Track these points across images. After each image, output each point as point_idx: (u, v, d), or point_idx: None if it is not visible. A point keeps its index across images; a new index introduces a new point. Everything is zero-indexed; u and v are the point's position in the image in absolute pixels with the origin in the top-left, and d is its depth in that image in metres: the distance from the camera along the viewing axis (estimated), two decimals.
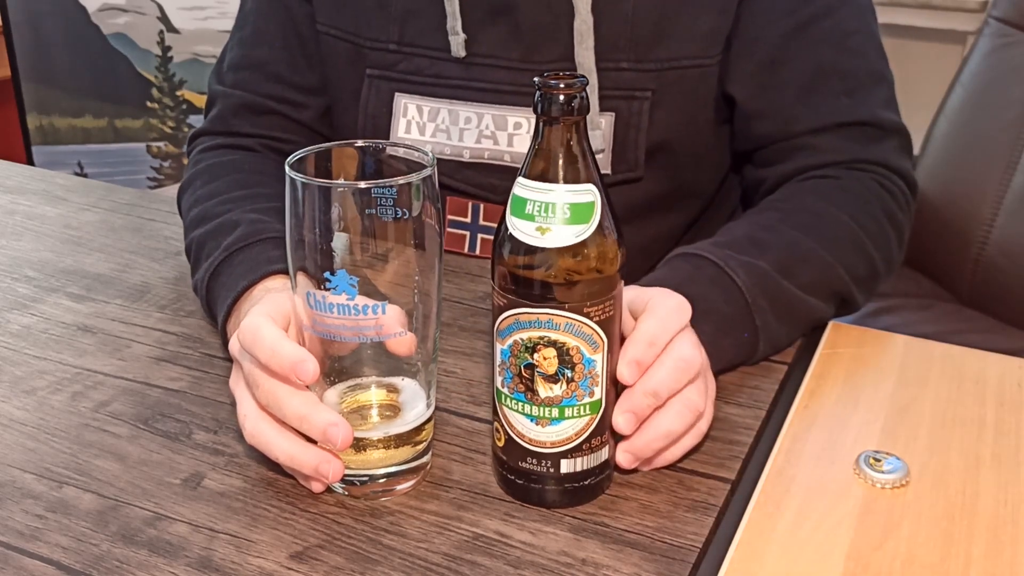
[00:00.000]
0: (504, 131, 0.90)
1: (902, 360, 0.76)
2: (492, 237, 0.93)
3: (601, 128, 0.88)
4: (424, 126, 0.92)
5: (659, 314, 0.62)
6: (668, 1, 0.86)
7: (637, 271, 0.97)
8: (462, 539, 0.58)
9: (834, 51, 0.88)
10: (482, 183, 0.92)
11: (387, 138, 0.94)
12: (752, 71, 0.88)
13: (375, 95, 0.93)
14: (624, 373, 0.59)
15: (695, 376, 0.62)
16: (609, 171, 0.90)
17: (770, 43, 0.87)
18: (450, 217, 0.94)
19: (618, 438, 0.61)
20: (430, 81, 0.91)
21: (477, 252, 0.95)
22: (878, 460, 0.64)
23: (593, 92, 0.87)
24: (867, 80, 0.89)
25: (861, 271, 0.81)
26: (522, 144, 0.89)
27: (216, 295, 0.76)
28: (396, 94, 0.93)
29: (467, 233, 0.94)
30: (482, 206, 0.93)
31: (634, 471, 0.63)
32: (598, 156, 0.89)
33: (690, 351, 0.62)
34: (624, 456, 0.61)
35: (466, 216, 0.93)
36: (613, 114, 0.88)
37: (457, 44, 0.89)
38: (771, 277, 0.74)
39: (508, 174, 0.90)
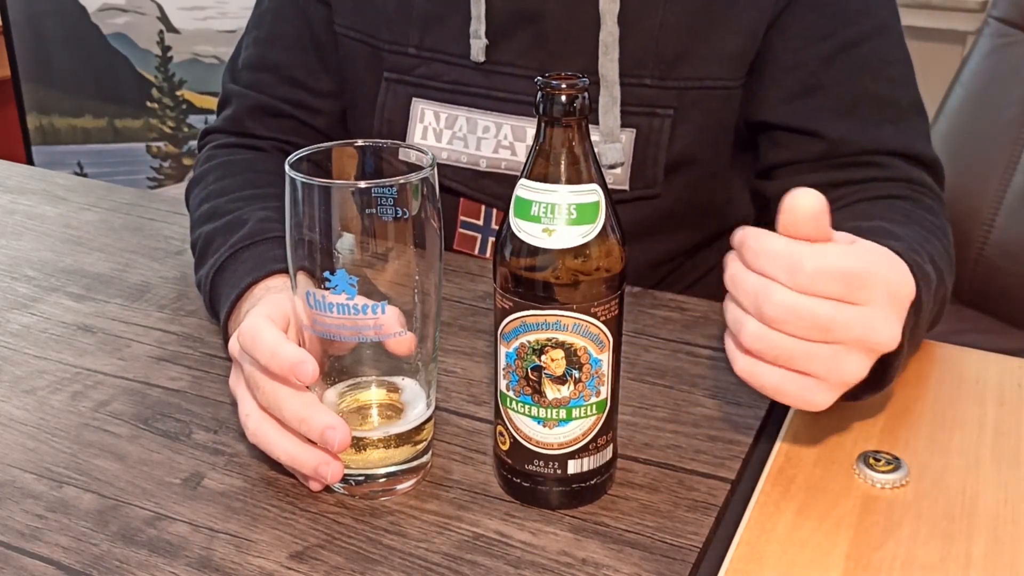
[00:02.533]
0: (523, 142, 0.89)
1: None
2: None
3: (621, 142, 0.87)
4: (441, 133, 0.91)
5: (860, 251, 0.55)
6: (695, 20, 0.85)
7: (646, 285, 0.96)
8: (462, 539, 0.58)
9: (875, 79, 0.85)
10: (498, 193, 0.91)
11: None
12: (787, 97, 0.85)
13: (392, 99, 0.93)
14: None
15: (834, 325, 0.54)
16: (627, 187, 0.89)
17: (808, 69, 0.84)
18: (462, 218, 0.94)
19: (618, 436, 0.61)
20: (449, 87, 0.91)
21: (487, 255, 0.94)
22: (878, 460, 0.64)
23: (615, 105, 0.86)
24: (910, 111, 0.87)
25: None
26: None
27: (219, 292, 0.76)
28: (414, 99, 0.92)
29: (479, 235, 0.94)
30: (495, 211, 0.92)
31: (635, 471, 0.63)
32: (617, 170, 0.88)
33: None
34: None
35: (479, 219, 0.93)
36: (634, 130, 0.87)
37: (478, 48, 0.88)
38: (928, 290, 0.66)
39: None
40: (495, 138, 0.90)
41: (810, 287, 0.53)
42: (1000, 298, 1.42)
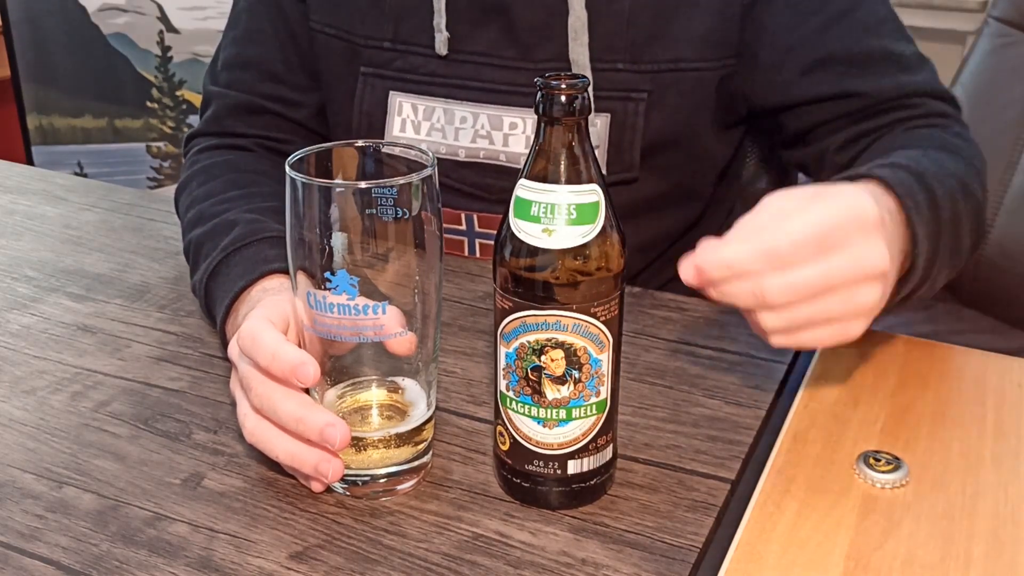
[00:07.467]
0: (500, 131, 0.89)
1: (902, 360, 0.76)
2: (490, 242, 0.93)
3: (596, 127, 0.88)
4: (419, 125, 0.92)
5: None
6: (664, 2, 0.85)
7: (635, 271, 0.97)
8: (462, 539, 0.58)
9: (878, 36, 0.87)
10: (477, 183, 0.91)
11: (382, 136, 0.93)
12: (801, 73, 0.86)
13: (370, 93, 0.93)
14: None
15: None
16: (604, 172, 0.89)
17: (809, 44, 0.86)
18: (445, 225, 0.94)
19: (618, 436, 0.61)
20: (425, 80, 0.91)
21: (477, 255, 0.94)
22: (878, 460, 0.64)
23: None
24: (917, 58, 0.89)
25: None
26: (518, 144, 0.89)
27: (214, 296, 0.76)
28: (391, 92, 0.92)
29: (465, 239, 0.94)
30: (475, 216, 0.92)
31: (635, 471, 0.64)
32: None
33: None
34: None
35: (460, 224, 0.93)
36: (609, 115, 0.87)
37: (440, 42, 0.88)
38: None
39: (504, 174, 0.90)
40: (472, 128, 0.90)
41: (793, 261, 0.58)
42: (1000, 298, 1.42)
